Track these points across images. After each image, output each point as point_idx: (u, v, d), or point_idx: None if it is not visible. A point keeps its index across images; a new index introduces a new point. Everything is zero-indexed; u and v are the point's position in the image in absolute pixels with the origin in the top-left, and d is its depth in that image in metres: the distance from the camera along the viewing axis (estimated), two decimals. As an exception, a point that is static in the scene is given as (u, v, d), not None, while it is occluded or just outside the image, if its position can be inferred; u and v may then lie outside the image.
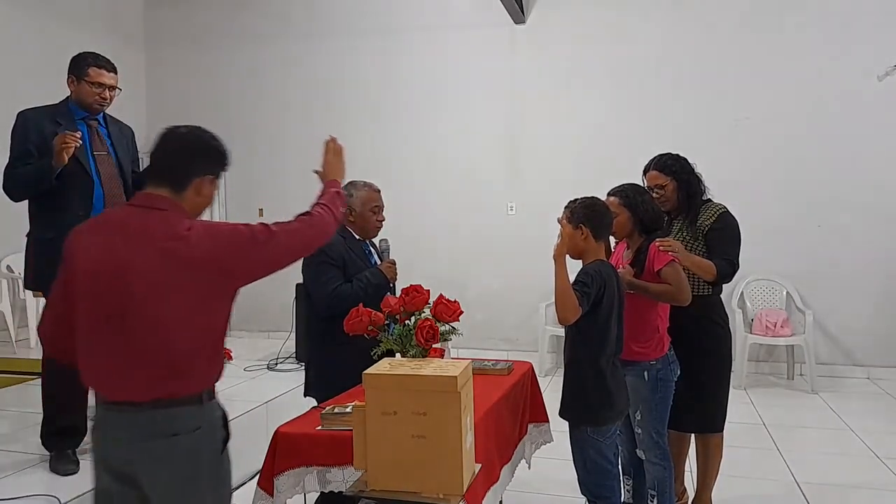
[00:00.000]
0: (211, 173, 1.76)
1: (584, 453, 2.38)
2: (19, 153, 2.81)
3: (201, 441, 1.68)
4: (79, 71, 2.90)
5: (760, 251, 5.01)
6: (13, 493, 2.56)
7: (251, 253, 1.69)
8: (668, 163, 2.81)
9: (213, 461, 1.72)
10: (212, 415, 1.71)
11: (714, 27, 5.57)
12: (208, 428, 1.70)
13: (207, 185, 1.75)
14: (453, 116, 6.17)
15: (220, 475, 1.77)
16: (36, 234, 2.88)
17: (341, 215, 1.96)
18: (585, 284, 2.29)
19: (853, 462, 3.65)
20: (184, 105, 6.79)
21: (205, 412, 1.69)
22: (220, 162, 1.80)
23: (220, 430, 1.73)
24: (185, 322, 1.62)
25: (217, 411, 1.74)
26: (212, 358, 1.70)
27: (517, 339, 6.05)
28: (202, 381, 1.69)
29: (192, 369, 1.66)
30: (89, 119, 2.96)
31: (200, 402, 1.67)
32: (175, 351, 1.62)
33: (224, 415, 1.76)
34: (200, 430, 1.67)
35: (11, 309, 5.18)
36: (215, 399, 1.74)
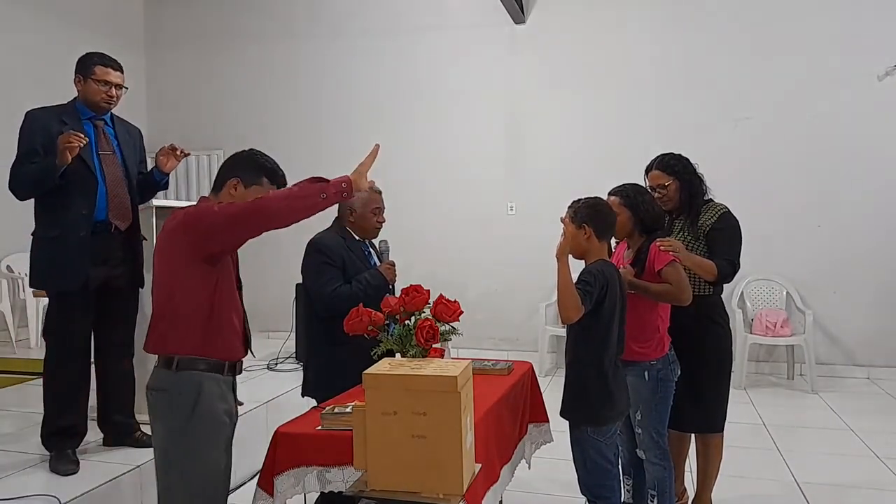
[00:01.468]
0: (238, 177, 2.03)
1: (584, 453, 2.38)
2: (25, 152, 2.82)
3: (169, 403, 1.88)
4: (85, 70, 2.92)
5: (760, 251, 5.02)
6: (13, 493, 2.56)
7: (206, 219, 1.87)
8: (670, 162, 2.81)
9: (178, 427, 1.87)
10: (182, 382, 1.87)
11: (714, 27, 5.58)
12: (175, 395, 1.87)
13: (237, 186, 2.02)
14: (453, 116, 6.17)
15: (187, 443, 1.87)
16: (40, 233, 2.89)
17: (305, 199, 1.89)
18: (588, 283, 2.29)
19: (853, 462, 3.65)
20: (184, 106, 6.81)
21: (173, 379, 1.88)
22: (249, 169, 2.05)
23: (186, 403, 1.86)
24: (162, 285, 1.92)
25: (189, 384, 1.87)
26: (186, 326, 1.88)
27: (517, 339, 6.06)
28: (174, 347, 1.88)
29: (164, 331, 1.90)
30: (96, 119, 2.97)
31: (169, 366, 1.88)
32: (157, 310, 1.93)
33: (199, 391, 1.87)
34: (168, 392, 1.88)
35: (11, 309, 5.19)
36: (193, 373, 1.88)
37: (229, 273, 2.00)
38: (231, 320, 1.99)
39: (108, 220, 2.89)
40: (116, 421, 3.09)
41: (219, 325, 1.94)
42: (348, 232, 2.84)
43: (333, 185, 1.92)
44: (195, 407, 1.87)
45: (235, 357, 2.02)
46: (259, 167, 2.07)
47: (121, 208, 2.93)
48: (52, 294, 2.95)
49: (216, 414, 1.92)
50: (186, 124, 6.70)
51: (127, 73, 3.03)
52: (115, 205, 2.91)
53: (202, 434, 1.89)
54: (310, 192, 1.90)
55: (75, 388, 2.92)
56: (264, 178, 2.06)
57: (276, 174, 2.10)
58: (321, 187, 1.91)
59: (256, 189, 2.03)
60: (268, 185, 2.06)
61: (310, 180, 1.94)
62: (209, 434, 1.91)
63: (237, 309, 2.03)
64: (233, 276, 2.03)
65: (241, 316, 2.05)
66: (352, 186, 1.95)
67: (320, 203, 1.91)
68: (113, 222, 2.90)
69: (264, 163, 2.09)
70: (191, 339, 1.89)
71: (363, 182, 2.00)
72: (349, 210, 2.83)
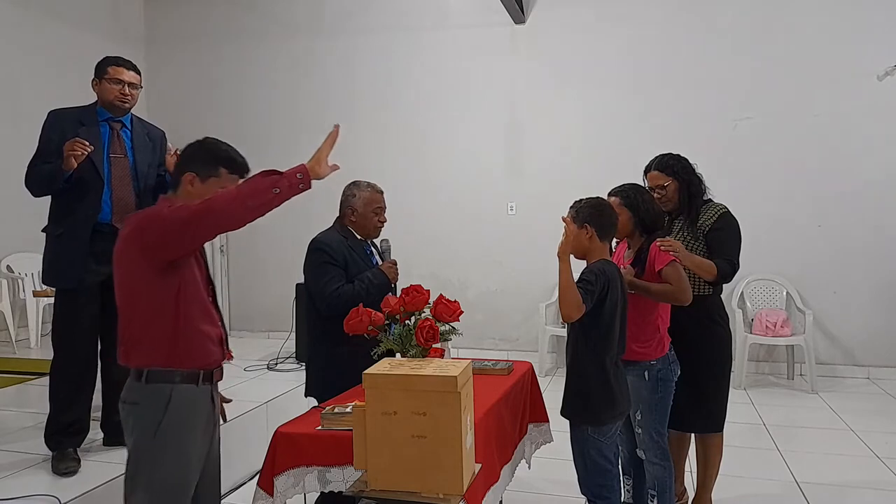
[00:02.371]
0: (193, 171, 1.89)
1: (584, 453, 2.38)
2: (41, 151, 2.90)
3: (137, 416, 1.81)
4: (100, 72, 2.98)
5: (760, 251, 5.02)
6: (13, 493, 2.56)
7: (156, 224, 1.77)
8: (669, 163, 2.81)
9: (145, 442, 1.80)
10: (151, 395, 1.80)
11: (714, 27, 5.57)
12: (145, 407, 1.80)
13: (193, 181, 1.89)
14: (453, 116, 6.17)
15: (152, 459, 1.80)
16: (49, 231, 2.96)
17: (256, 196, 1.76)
18: (589, 282, 2.30)
19: (853, 462, 3.65)
20: (184, 105, 6.80)
21: (144, 390, 1.80)
22: (203, 160, 1.90)
23: (155, 416, 1.79)
24: (123, 295, 1.83)
25: (158, 396, 1.80)
26: (152, 337, 1.80)
27: (517, 339, 6.06)
28: (143, 359, 1.81)
29: (131, 342, 1.82)
30: (113, 121, 3.01)
31: (139, 378, 1.81)
32: (121, 322, 1.84)
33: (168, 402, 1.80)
34: (137, 405, 1.81)
35: (11, 309, 5.18)
36: (163, 385, 1.80)
37: (193, 277, 1.87)
38: (202, 326, 1.88)
39: (112, 222, 2.91)
40: (117, 421, 3.09)
41: (188, 333, 1.83)
42: (350, 231, 2.84)
43: (287, 178, 1.78)
44: (163, 420, 1.79)
45: (211, 364, 1.91)
46: (214, 157, 1.92)
47: (126, 211, 2.94)
48: (57, 291, 2.99)
49: (187, 427, 1.84)
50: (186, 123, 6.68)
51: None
52: (120, 207, 2.94)
53: (170, 448, 1.81)
54: (261, 188, 1.75)
55: (80, 386, 2.96)
56: (221, 168, 1.92)
57: (235, 162, 1.95)
58: (273, 181, 1.76)
59: (215, 182, 1.89)
60: (227, 175, 1.92)
61: (261, 174, 1.79)
62: (178, 448, 1.82)
63: (208, 313, 1.91)
64: (199, 278, 1.90)
65: (214, 319, 1.94)
66: (309, 176, 1.82)
67: (274, 199, 1.77)
68: (116, 225, 2.92)
69: (219, 151, 1.93)
70: (159, 349, 1.80)
71: (322, 169, 1.87)
72: (350, 209, 2.83)
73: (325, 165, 1.88)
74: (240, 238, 6.60)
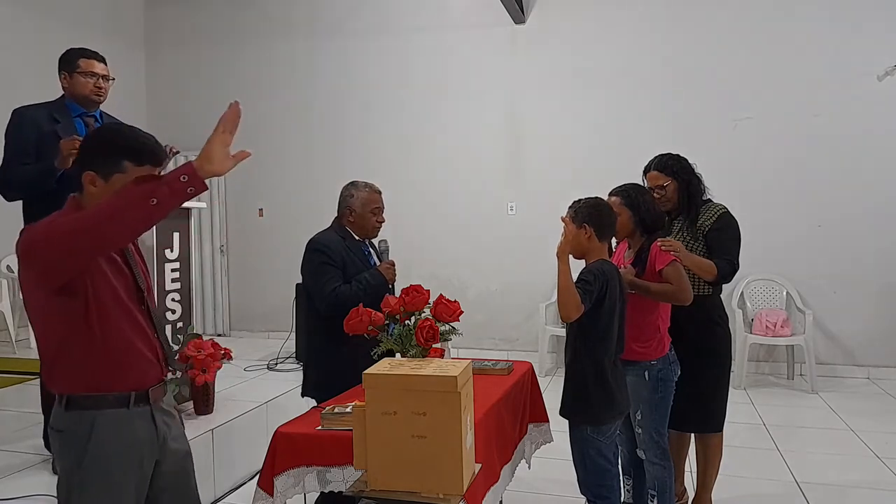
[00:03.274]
0: (91, 170, 1.61)
1: (583, 453, 2.38)
2: (16, 152, 2.77)
3: (62, 445, 1.65)
4: (69, 65, 2.88)
5: (760, 251, 5.02)
6: (13, 493, 2.56)
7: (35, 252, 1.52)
8: (668, 163, 2.81)
9: (70, 472, 1.63)
10: (73, 423, 1.62)
11: (714, 27, 5.57)
12: (68, 436, 1.63)
13: (94, 181, 1.61)
14: (453, 116, 6.17)
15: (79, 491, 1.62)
16: None
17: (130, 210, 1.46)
18: (588, 282, 2.30)
19: (853, 462, 3.65)
20: (184, 105, 6.80)
21: (66, 418, 1.63)
22: (103, 155, 1.61)
23: (78, 445, 1.61)
24: (31, 319, 1.65)
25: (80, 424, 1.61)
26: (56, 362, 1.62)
27: (517, 339, 6.06)
28: (62, 385, 1.63)
29: (49, 367, 1.64)
30: (86, 115, 2.94)
31: (60, 404, 1.63)
32: (38, 346, 1.66)
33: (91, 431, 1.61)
34: (62, 434, 1.64)
35: (11, 309, 5.19)
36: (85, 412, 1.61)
37: (109, 289, 1.62)
38: (128, 343, 1.65)
39: None
40: None
41: (109, 353, 1.62)
42: (348, 232, 2.84)
43: (167, 183, 1.46)
44: (87, 449, 1.60)
45: (145, 384, 1.68)
46: (115, 149, 1.61)
47: None
48: None
49: (118, 455, 1.63)
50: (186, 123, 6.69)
51: (127, 72, 3.03)
52: None
53: (98, 478, 1.62)
54: (133, 200, 1.45)
55: None
56: (125, 161, 1.60)
57: (140, 151, 1.62)
58: (148, 190, 1.45)
59: (121, 178, 1.59)
60: (135, 168, 1.60)
61: (134, 182, 1.51)
62: (106, 478, 1.63)
63: (136, 326, 1.68)
64: (119, 289, 1.64)
65: (145, 333, 1.70)
66: (198, 176, 1.47)
67: (154, 211, 1.46)
68: None
69: (119, 141, 1.62)
70: (77, 374, 1.61)
71: (216, 165, 1.50)
72: (349, 210, 2.83)
73: (220, 159, 1.51)
74: (240, 238, 6.61)
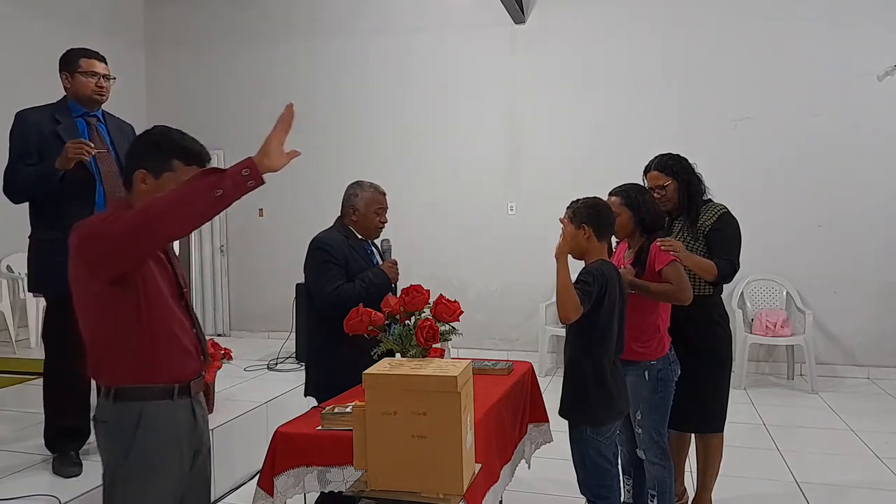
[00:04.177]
0: (143, 168, 1.72)
1: (583, 453, 2.38)
2: (19, 154, 2.79)
3: (108, 436, 1.72)
4: (70, 66, 2.88)
5: (760, 251, 5.01)
6: (14, 493, 2.56)
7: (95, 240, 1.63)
8: (668, 163, 2.81)
9: (118, 463, 1.70)
10: (120, 414, 1.69)
11: (714, 27, 5.58)
12: (115, 427, 1.69)
13: (145, 179, 1.72)
14: (453, 116, 6.17)
15: (126, 481, 1.69)
16: (37, 236, 2.87)
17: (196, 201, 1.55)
18: (587, 283, 2.30)
19: (853, 462, 3.65)
20: (184, 105, 6.81)
21: (114, 410, 1.69)
22: (154, 154, 1.73)
23: (127, 434, 1.68)
24: (81, 312, 1.71)
25: (127, 415, 1.68)
26: (107, 354, 1.69)
27: (517, 339, 6.06)
28: (110, 377, 1.70)
29: (96, 360, 1.70)
30: (88, 115, 2.94)
31: (107, 396, 1.70)
32: (85, 339, 1.72)
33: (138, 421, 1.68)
34: (108, 424, 1.71)
35: (11, 309, 5.18)
36: (132, 403, 1.68)
37: (156, 285, 1.70)
38: (172, 336, 1.73)
39: None
40: None
41: (157, 346, 1.70)
42: (351, 231, 2.84)
43: (230, 176, 1.55)
44: (134, 440, 1.67)
45: (186, 376, 1.76)
46: (166, 149, 1.73)
47: None
48: (51, 297, 2.93)
49: (162, 446, 1.71)
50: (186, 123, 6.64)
51: (127, 71, 3.03)
52: None
53: (144, 469, 1.69)
54: (200, 191, 1.54)
55: (76, 390, 2.91)
56: (175, 160, 1.72)
57: (189, 151, 1.75)
58: (213, 182, 1.54)
59: (171, 177, 1.71)
60: (184, 167, 1.72)
61: (200, 174, 1.59)
62: (152, 469, 1.70)
63: (178, 321, 1.76)
64: (162, 284, 1.73)
65: (185, 327, 1.78)
66: (257, 171, 1.57)
67: (217, 202, 1.55)
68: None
69: (169, 141, 1.74)
70: (126, 366, 1.68)
71: (273, 160, 1.60)
72: (352, 209, 2.84)
73: (276, 156, 1.61)
74: (240, 238, 6.61)
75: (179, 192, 1.57)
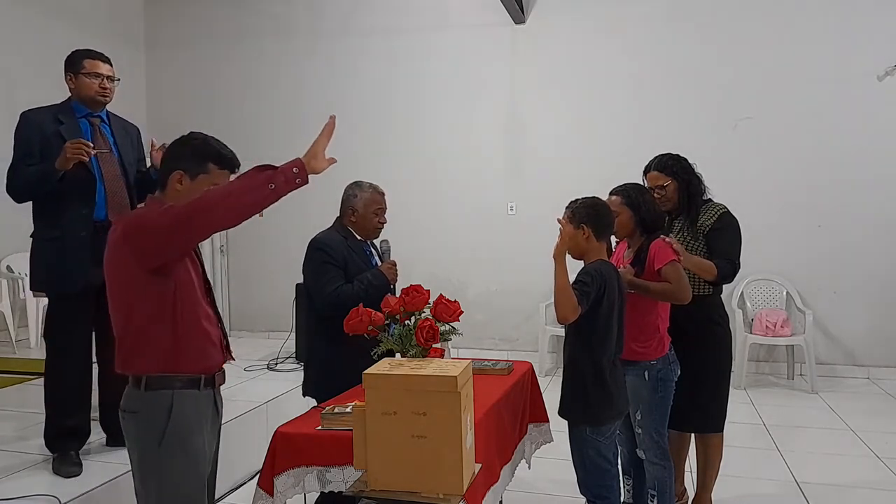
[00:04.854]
0: (181, 169, 1.83)
1: (583, 453, 2.38)
2: (22, 154, 2.81)
3: (139, 425, 1.78)
4: (75, 66, 2.90)
5: (760, 251, 5.02)
6: (14, 493, 2.56)
7: (146, 228, 1.73)
8: (668, 163, 2.81)
9: (150, 451, 1.76)
10: (152, 403, 1.76)
11: (714, 27, 5.57)
12: (146, 415, 1.77)
13: (181, 179, 1.83)
14: (453, 116, 6.17)
15: (160, 468, 1.77)
16: (39, 235, 2.88)
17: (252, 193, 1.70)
18: (585, 284, 2.30)
19: (853, 462, 3.65)
20: (184, 105, 6.80)
21: (144, 398, 1.77)
22: (191, 157, 1.84)
23: (158, 424, 1.76)
24: (117, 301, 1.78)
25: (159, 404, 1.76)
26: (140, 343, 1.76)
27: (517, 339, 6.06)
28: (142, 366, 1.77)
29: (129, 349, 1.78)
30: (92, 116, 2.96)
31: (138, 385, 1.77)
32: (117, 330, 1.80)
33: (170, 410, 1.76)
34: (138, 414, 1.78)
35: (11, 309, 5.18)
36: (163, 391, 1.76)
37: (189, 278, 1.82)
38: (201, 328, 1.83)
39: (108, 218, 2.88)
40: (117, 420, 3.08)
41: (187, 337, 1.79)
42: (349, 231, 2.84)
43: (283, 173, 1.72)
44: (166, 428, 1.76)
45: (212, 368, 1.87)
46: (202, 153, 1.85)
47: (120, 206, 2.92)
48: (52, 296, 2.94)
49: (190, 434, 1.80)
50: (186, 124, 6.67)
51: (127, 71, 3.03)
52: (115, 203, 2.90)
53: (177, 455, 1.77)
54: (255, 185, 1.69)
55: (77, 390, 2.91)
56: (210, 164, 1.85)
57: (223, 156, 1.88)
58: (268, 177, 1.71)
59: (204, 179, 1.83)
60: (217, 171, 1.86)
61: (255, 169, 1.73)
62: (184, 454, 1.78)
63: (206, 314, 1.86)
64: (194, 279, 1.85)
65: (213, 320, 1.89)
66: (305, 171, 1.76)
67: (269, 195, 1.71)
68: (113, 220, 2.89)
69: (207, 147, 1.87)
70: (158, 355, 1.76)
71: (318, 163, 1.80)
72: (351, 210, 2.83)
73: (321, 159, 1.81)
74: (240, 238, 6.60)
75: (236, 184, 1.72)
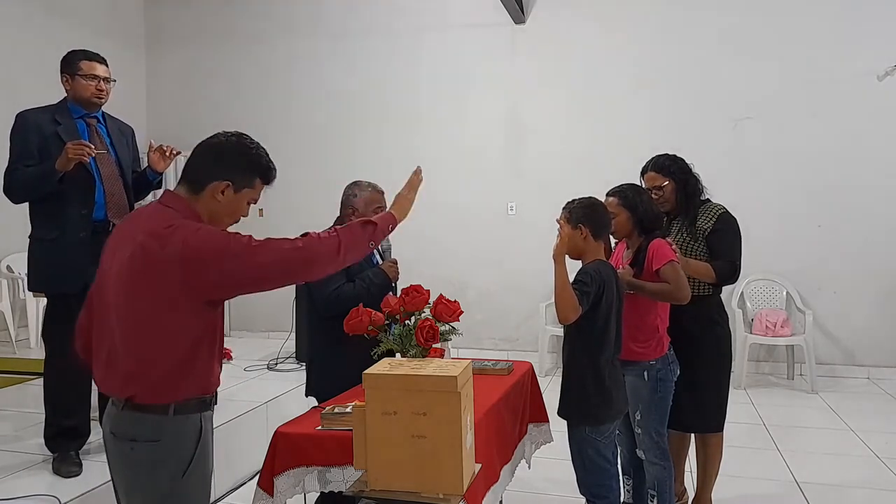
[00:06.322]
0: (229, 179, 1.66)
1: (582, 453, 2.38)
2: (20, 155, 2.80)
3: (159, 454, 1.60)
4: (71, 68, 2.90)
5: (760, 251, 5.02)
6: (14, 493, 2.56)
7: (219, 263, 1.56)
8: (665, 163, 2.81)
9: (174, 479, 1.61)
10: (178, 429, 1.61)
11: (714, 27, 5.57)
12: (170, 442, 1.60)
13: (225, 190, 1.67)
14: (453, 116, 6.17)
15: (183, 495, 1.63)
16: (37, 236, 2.88)
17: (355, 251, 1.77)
18: (585, 284, 2.30)
19: (853, 462, 3.65)
20: (184, 105, 6.80)
21: (169, 425, 1.60)
22: (241, 167, 1.69)
23: (187, 449, 1.62)
24: (147, 324, 1.57)
25: (189, 428, 1.63)
26: (182, 369, 1.60)
27: (517, 339, 6.06)
28: (169, 392, 1.59)
29: (155, 375, 1.58)
30: (88, 117, 2.96)
31: (165, 413, 1.59)
32: (140, 352, 1.58)
33: (200, 433, 1.65)
34: (160, 443, 1.59)
35: (11, 309, 5.18)
36: (193, 415, 1.63)
37: None
38: (222, 347, 1.75)
39: (107, 218, 2.88)
40: None
41: (218, 357, 1.71)
42: (349, 231, 2.84)
43: (381, 231, 1.82)
44: (197, 448, 1.64)
45: (218, 383, 1.75)
46: (253, 165, 1.71)
47: (119, 206, 2.92)
48: (50, 296, 2.93)
49: (207, 456, 1.70)
50: (186, 123, 6.69)
51: (127, 72, 3.03)
52: (114, 203, 2.90)
53: (198, 484, 1.67)
54: (360, 243, 1.77)
55: (76, 390, 2.91)
56: (258, 179, 1.72)
57: (270, 173, 1.75)
58: (370, 235, 1.79)
59: (248, 193, 1.71)
60: (260, 186, 1.74)
61: (360, 225, 1.79)
62: (204, 481, 1.69)
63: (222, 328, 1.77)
64: None
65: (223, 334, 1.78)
66: (396, 225, 1.90)
67: (367, 251, 1.83)
68: (112, 221, 2.89)
69: (259, 159, 1.73)
70: (197, 379, 1.64)
71: (406, 214, 1.96)
72: (351, 209, 2.83)
73: (408, 209, 1.98)
74: (240, 238, 6.60)
75: (344, 240, 1.71)
